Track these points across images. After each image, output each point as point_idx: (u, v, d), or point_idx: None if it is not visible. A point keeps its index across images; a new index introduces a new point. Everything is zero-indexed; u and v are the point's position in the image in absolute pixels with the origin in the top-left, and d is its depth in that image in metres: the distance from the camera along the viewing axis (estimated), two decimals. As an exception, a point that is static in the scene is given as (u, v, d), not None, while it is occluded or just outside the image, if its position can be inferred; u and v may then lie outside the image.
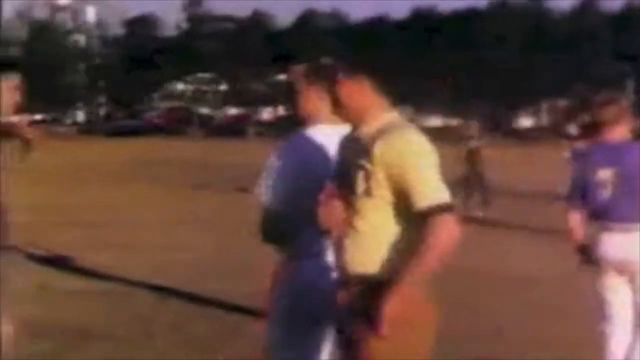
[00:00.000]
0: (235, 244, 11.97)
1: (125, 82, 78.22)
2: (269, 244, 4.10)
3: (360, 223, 3.72)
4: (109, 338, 7.57)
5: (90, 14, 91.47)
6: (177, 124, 76.22)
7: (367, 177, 3.66)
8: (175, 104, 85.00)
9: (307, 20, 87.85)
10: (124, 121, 76.13)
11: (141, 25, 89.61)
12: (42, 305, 8.47)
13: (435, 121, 74.14)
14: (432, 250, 3.54)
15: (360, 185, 3.68)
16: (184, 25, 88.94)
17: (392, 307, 3.53)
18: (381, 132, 3.69)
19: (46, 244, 12.28)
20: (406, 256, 3.58)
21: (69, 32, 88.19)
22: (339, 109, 3.83)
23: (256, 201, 4.00)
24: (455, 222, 3.57)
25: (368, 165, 3.65)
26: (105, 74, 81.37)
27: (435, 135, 5.14)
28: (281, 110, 77.46)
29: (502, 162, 19.53)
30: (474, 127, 19.71)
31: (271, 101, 78.56)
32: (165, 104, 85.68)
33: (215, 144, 50.50)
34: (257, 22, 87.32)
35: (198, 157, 36.88)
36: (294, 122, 4.14)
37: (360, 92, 3.77)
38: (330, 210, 3.71)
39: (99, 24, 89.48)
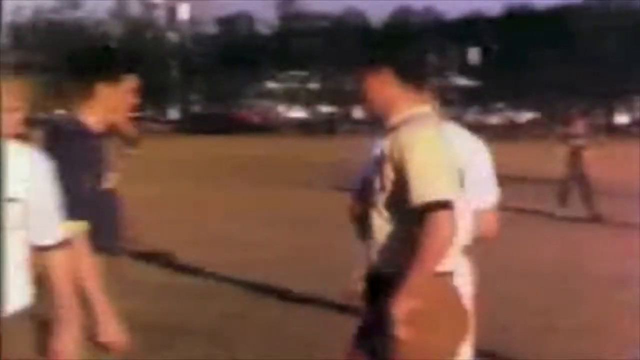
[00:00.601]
0: (332, 241, 11.92)
1: (219, 80, 78.77)
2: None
3: (376, 218, 3.73)
4: (204, 334, 7.59)
5: (184, 11, 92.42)
6: (271, 122, 76.61)
7: (380, 172, 3.68)
8: (269, 102, 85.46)
9: (401, 18, 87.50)
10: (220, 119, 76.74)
11: (235, 23, 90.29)
12: (136, 301, 8.53)
13: (527, 116, 73.54)
14: (428, 248, 3.52)
15: (376, 180, 3.71)
16: (278, 23, 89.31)
17: (400, 308, 3.50)
18: (397, 127, 3.70)
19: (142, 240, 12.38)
20: (407, 253, 3.56)
21: (163, 30, 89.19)
22: (365, 102, 3.84)
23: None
24: (450, 219, 3.54)
25: (381, 160, 3.67)
26: (199, 72, 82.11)
27: (527, 130, 5.05)
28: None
29: (605, 160, 18.70)
30: (580, 124, 17.84)
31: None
32: (258, 102, 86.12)
33: (307, 142, 50.58)
34: (351, 20, 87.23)
35: (291, 155, 36.95)
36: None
37: (384, 85, 3.77)
38: None
39: (193, 21, 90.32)
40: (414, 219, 3.58)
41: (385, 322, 3.56)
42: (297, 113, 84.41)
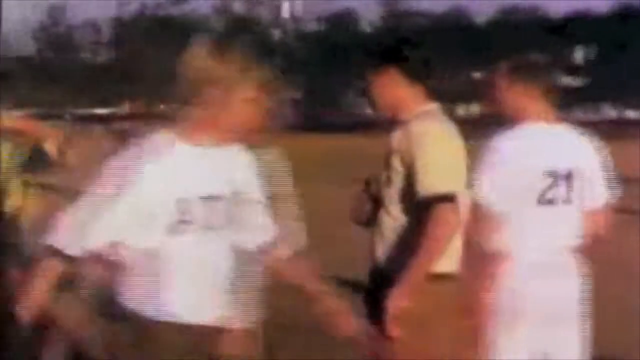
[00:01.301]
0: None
1: (322, 78, 79.11)
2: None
3: (382, 214, 3.72)
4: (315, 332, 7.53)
5: (287, 8, 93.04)
6: (373, 120, 76.66)
7: (387, 167, 3.69)
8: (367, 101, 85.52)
9: (506, 15, 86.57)
10: (322, 116, 77.12)
11: (338, 20, 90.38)
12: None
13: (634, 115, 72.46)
14: (429, 242, 3.47)
15: (383, 175, 3.72)
16: (381, 21, 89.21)
17: (396, 305, 3.48)
18: (407, 122, 3.71)
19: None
20: (408, 248, 3.53)
21: (267, 27, 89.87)
22: (373, 102, 3.88)
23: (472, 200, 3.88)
24: (453, 213, 3.49)
25: (388, 156, 3.69)
26: (302, 69, 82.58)
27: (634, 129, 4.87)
28: (474, 108, 76.79)
29: None
30: None
31: (465, 98, 78.00)
32: (361, 100, 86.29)
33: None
34: (454, 17, 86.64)
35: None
36: (490, 120, 4.02)
37: (392, 85, 3.80)
38: None
39: (295, 18, 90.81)
40: (415, 213, 3.59)
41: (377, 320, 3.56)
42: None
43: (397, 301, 3.48)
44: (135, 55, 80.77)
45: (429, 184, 3.54)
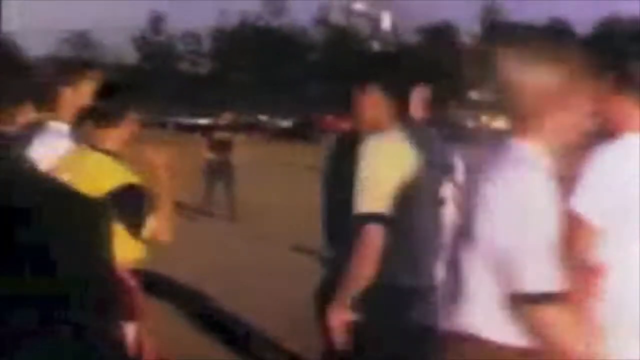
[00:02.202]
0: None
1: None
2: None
3: None
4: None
5: (386, 20, 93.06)
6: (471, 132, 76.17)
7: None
8: (470, 112, 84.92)
9: (609, 25, 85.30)
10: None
11: (436, 32, 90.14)
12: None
13: None
14: (354, 260, 3.51)
15: None
16: (479, 32, 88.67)
17: (334, 320, 3.52)
18: None
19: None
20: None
21: (366, 39, 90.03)
22: (355, 120, 3.88)
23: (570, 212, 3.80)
24: (376, 233, 3.50)
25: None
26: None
27: None
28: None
29: None
30: None
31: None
32: (460, 113, 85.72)
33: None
34: (556, 29, 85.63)
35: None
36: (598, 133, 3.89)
37: (372, 105, 3.79)
38: None
39: (395, 30, 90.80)
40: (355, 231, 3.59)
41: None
42: (500, 123, 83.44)
43: (333, 315, 3.54)
44: (235, 65, 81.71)
45: (360, 201, 3.55)
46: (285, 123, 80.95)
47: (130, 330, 4.25)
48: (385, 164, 3.62)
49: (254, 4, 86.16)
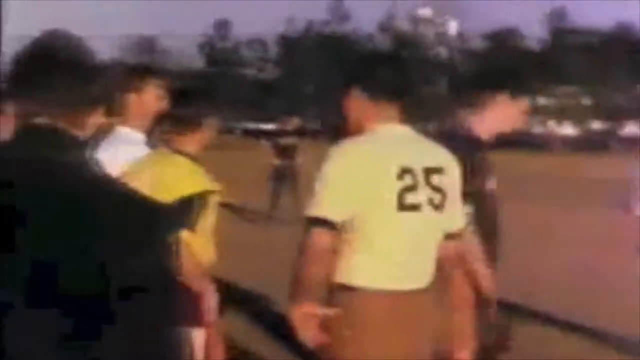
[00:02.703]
0: (606, 261, 11.37)
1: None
2: None
3: None
4: None
5: (452, 26, 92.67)
6: (538, 138, 75.51)
7: None
8: (539, 117, 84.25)
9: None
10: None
11: (503, 38, 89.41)
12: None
13: None
14: (298, 261, 3.56)
15: None
16: (547, 38, 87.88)
17: (294, 317, 3.53)
18: None
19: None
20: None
21: (431, 45, 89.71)
22: (346, 119, 3.88)
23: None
24: (319, 237, 3.53)
25: None
26: (467, 87, 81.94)
27: None
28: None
29: None
30: None
31: (635, 116, 76.07)
32: (529, 118, 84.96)
33: (577, 159, 49.35)
34: (621, 34, 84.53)
35: (566, 172, 36.08)
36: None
37: (359, 105, 3.79)
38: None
39: (461, 36, 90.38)
40: None
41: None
42: (567, 129, 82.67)
43: (293, 315, 3.54)
44: (301, 71, 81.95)
45: (310, 204, 3.59)
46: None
47: (198, 336, 4.26)
48: (342, 170, 3.60)
49: (320, 11, 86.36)
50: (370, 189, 3.59)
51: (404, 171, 3.60)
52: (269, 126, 54.35)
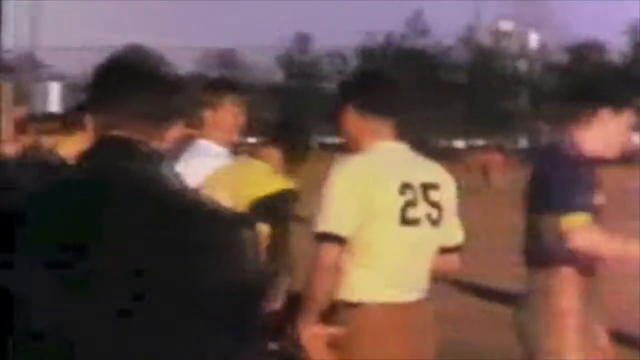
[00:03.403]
0: None
1: (569, 108, 77.47)
2: None
3: None
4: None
5: (533, 39, 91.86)
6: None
7: None
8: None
9: None
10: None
11: (585, 51, 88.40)
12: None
13: None
14: (309, 277, 3.61)
15: None
16: (628, 51, 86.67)
17: (303, 332, 3.60)
18: None
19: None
20: None
21: (512, 58, 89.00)
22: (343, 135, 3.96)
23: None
24: (331, 253, 3.57)
25: None
26: (547, 101, 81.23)
27: None
28: None
29: None
30: None
31: None
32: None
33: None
34: None
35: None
36: None
37: (353, 122, 3.85)
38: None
39: (542, 49, 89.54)
40: None
41: None
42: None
43: (302, 333, 3.60)
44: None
45: (318, 220, 3.64)
46: (432, 143, 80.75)
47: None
48: (348, 186, 3.67)
49: (400, 24, 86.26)
50: (375, 204, 3.68)
51: (405, 186, 3.70)
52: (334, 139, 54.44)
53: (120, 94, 1.99)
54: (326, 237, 3.62)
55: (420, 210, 3.73)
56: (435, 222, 3.77)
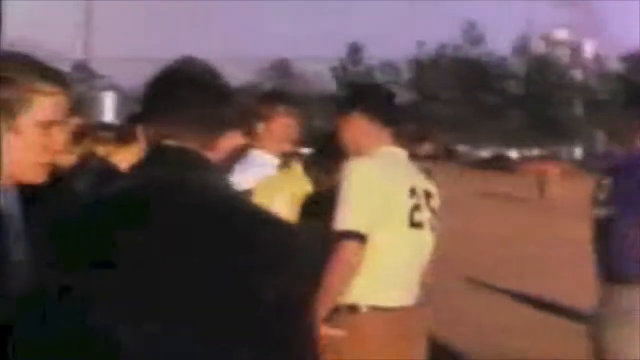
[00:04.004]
0: None
1: (623, 119, 76.79)
2: None
3: None
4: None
5: (588, 48, 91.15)
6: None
7: None
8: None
9: None
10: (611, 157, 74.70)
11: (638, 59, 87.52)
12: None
13: None
14: (327, 277, 3.57)
15: None
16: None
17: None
18: None
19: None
20: None
21: (567, 67, 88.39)
22: (342, 144, 4.02)
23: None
24: (352, 250, 3.62)
25: None
26: (603, 110, 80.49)
27: None
28: None
29: None
30: None
31: None
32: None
33: None
34: None
35: None
36: None
37: (355, 128, 3.98)
38: None
39: (597, 58, 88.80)
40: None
41: None
42: None
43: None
44: (433, 95, 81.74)
45: (338, 218, 3.67)
46: (484, 153, 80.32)
47: None
48: (365, 185, 3.74)
49: (453, 34, 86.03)
50: (390, 204, 3.78)
51: (412, 190, 3.85)
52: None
53: (174, 104, 2.00)
54: (347, 235, 3.66)
55: (424, 214, 3.88)
56: (434, 228, 3.93)
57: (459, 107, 79.57)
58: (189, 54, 2.09)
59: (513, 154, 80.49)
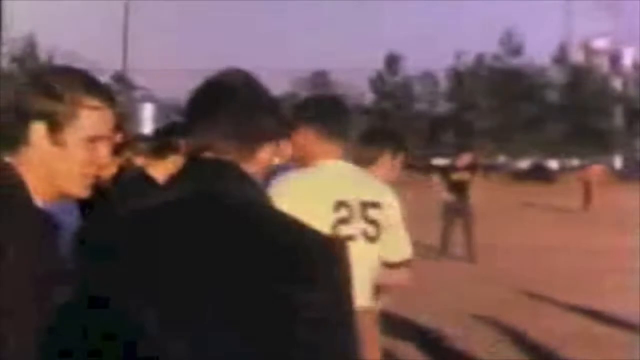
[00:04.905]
0: None
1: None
2: None
3: None
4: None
5: (628, 57, 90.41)
6: None
7: None
8: None
9: None
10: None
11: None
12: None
13: None
14: None
15: None
16: None
17: None
18: None
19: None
20: None
21: (606, 76, 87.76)
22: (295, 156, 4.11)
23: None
24: None
25: None
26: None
27: None
28: None
29: None
30: None
31: None
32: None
33: None
34: None
35: None
36: None
37: (305, 141, 4.03)
38: None
39: (637, 67, 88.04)
40: None
41: None
42: None
43: None
44: (472, 106, 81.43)
45: None
46: (524, 164, 79.84)
47: None
48: (285, 202, 3.69)
49: (491, 44, 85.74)
50: (309, 220, 3.67)
51: (340, 204, 3.89)
52: (440, 161, 54.19)
53: (212, 116, 1.98)
54: None
55: (356, 227, 3.91)
56: (372, 239, 3.95)
57: (498, 118, 79.18)
58: (226, 65, 2.08)
59: (553, 164, 79.98)
